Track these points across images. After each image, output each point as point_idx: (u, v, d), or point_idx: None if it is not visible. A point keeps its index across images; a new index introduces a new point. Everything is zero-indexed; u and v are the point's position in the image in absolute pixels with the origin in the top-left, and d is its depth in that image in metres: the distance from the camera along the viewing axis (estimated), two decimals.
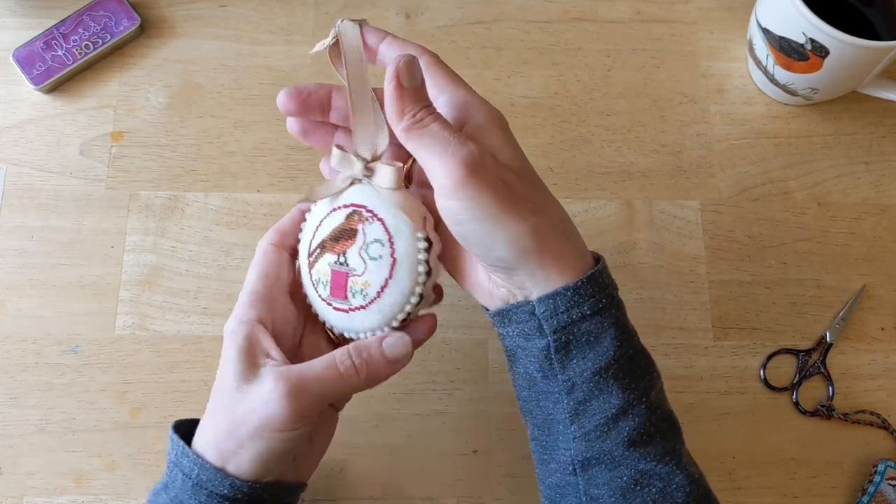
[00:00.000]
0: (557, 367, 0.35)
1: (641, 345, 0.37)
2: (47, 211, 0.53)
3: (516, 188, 0.33)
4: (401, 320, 0.37)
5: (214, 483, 0.34)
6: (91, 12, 0.56)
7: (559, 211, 0.35)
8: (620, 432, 0.34)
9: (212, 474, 0.34)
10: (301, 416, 0.34)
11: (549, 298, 0.34)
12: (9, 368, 0.49)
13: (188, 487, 0.35)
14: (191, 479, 0.35)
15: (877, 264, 0.53)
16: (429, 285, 0.36)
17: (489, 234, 0.33)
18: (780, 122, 0.56)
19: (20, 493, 0.47)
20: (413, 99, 0.33)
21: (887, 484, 0.47)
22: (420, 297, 0.36)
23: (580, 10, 0.59)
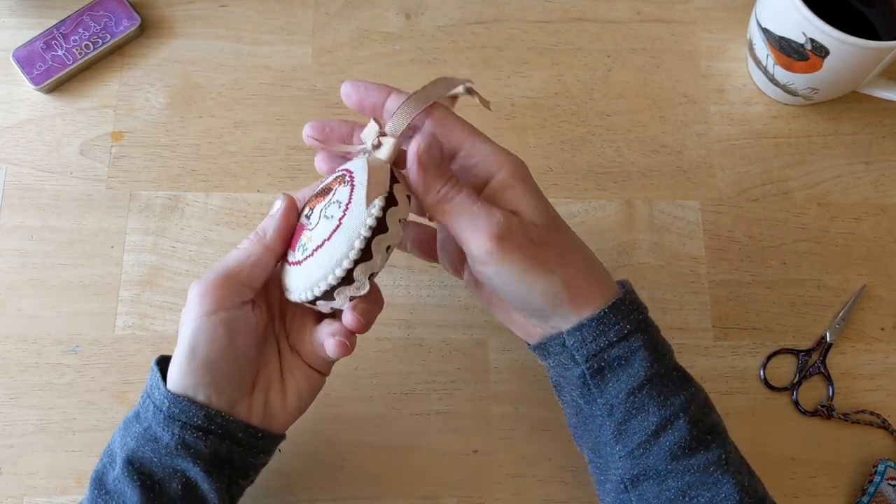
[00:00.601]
0: (595, 392, 0.38)
1: (676, 362, 0.39)
2: (47, 211, 0.53)
3: (543, 241, 0.36)
4: (322, 291, 0.36)
5: (188, 414, 0.36)
6: (91, 12, 0.56)
7: (581, 248, 0.38)
8: (662, 447, 0.36)
9: (185, 405, 0.36)
10: (210, 293, 0.36)
11: (577, 330, 0.37)
12: (9, 368, 0.49)
13: (160, 420, 0.36)
14: (162, 412, 0.36)
15: (877, 264, 0.53)
16: (362, 268, 0.35)
17: (522, 291, 0.36)
18: (780, 122, 0.56)
19: (20, 493, 0.47)
20: (436, 176, 0.36)
21: (887, 484, 0.47)
22: (346, 273, 0.35)
23: (580, 10, 0.59)
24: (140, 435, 0.37)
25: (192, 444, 0.37)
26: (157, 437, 0.37)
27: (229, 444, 0.38)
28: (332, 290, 0.36)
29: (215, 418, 0.37)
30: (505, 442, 0.49)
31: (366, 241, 0.35)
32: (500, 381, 0.50)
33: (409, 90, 0.56)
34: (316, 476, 0.48)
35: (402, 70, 0.56)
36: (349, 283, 0.35)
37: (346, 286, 0.35)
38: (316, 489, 0.47)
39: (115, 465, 0.37)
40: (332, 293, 0.36)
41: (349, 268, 0.35)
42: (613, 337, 0.37)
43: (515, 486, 0.48)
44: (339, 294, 0.36)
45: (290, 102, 0.55)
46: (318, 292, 0.36)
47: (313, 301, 0.37)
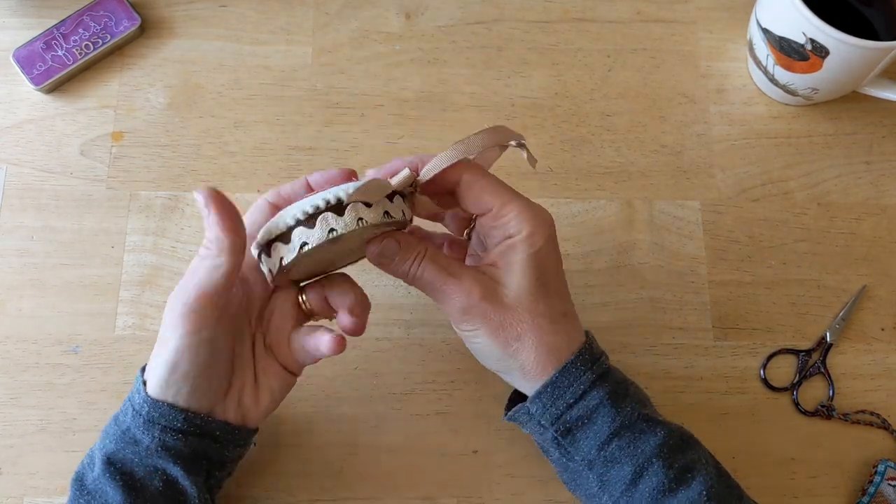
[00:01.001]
0: (572, 451, 0.40)
1: (642, 408, 0.40)
2: (47, 211, 0.53)
3: (512, 310, 0.38)
4: (264, 241, 0.36)
5: (167, 418, 0.37)
6: (91, 12, 0.56)
7: (549, 313, 0.39)
8: (643, 494, 0.38)
9: (164, 410, 0.37)
10: (193, 312, 0.36)
11: (537, 398, 0.39)
12: (9, 368, 0.49)
13: (139, 424, 0.37)
14: (141, 416, 0.37)
15: (877, 264, 0.53)
16: (300, 231, 0.35)
17: (483, 357, 0.40)
18: (780, 122, 0.56)
19: (20, 493, 0.47)
20: (397, 268, 0.39)
21: (887, 484, 0.47)
22: (287, 229, 0.35)
23: (580, 10, 0.59)
24: (119, 437, 0.38)
25: (171, 445, 0.38)
26: (136, 440, 0.38)
27: (207, 442, 0.39)
28: (269, 244, 0.36)
29: (194, 420, 0.38)
30: (505, 442, 0.49)
31: (315, 208, 0.35)
32: (501, 381, 0.50)
33: (409, 90, 0.56)
34: (316, 476, 0.48)
35: (402, 70, 0.57)
36: (286, 241, 0.36)
37: (283, 244, 0.36)
38: (316, 489, 0.47)
39: (95, 466, 0.38)
40: (270, 248, 0.36)
41: (290, 224, 0.35)
42: (570, 398, 0.38)
43: (515, 486, 0.48)
44: (274, 251, 0.36)
45: (290, 102, 0.55)
46: (261, 241, 0.37)
47: (258, 254, 0.38)
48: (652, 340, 0.51)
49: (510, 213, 0.38)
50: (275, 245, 0.36)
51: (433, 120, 0.55)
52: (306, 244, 0.35)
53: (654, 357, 0.50)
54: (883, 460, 0.48)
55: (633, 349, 0.51)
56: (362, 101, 0.56)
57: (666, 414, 0.49)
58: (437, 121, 0.55)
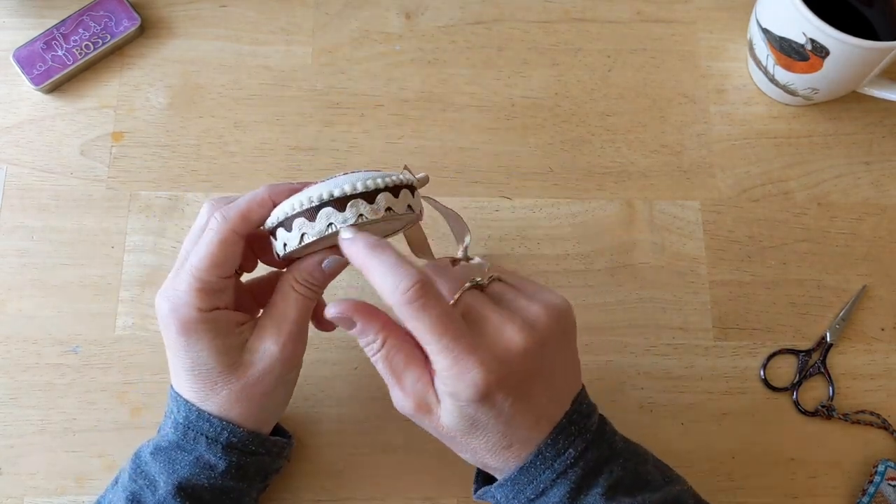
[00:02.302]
0: None
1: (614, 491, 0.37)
2: (47, 211, 0.53)
3: (445, 437, 0.36)
4: (284, 215, 0.36)
5: (244, 443, 0.39)
6: (91, 12, 0.56)
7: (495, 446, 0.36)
8: None
9: (243, 436, 0.38)
10: (302, 354, 0.40)
11: (500, 487, 0.37)
12: (9, 368, 0.49)
13: (218, 451, 0.38)
14: (220, 444, 0.38)
15: (877, 264, 0.53)
16: (326, 212, 0.35)
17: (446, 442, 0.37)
18: (780, 122, 0.56)
19: (20, 493, 0.47)
20: (361, 333, 0.36)
21: (887, 484, 0.47)
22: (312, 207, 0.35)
23: (580, 10, 0.59)
24: (191, 463, 0.38)
25: (244, 465, 0.39)
26: (212, 466, 0.38)
27: (268, 459, 0.41)
28: (290, 219, 0.36)
29: (265, 444, 0.40)
30: None
31: (344, 194, 0.35)
32: None
33: (409, 90, 0.56)
34: (316, 476, 0.48)
35: (402, 70, 0.57)
36: (311, 219, 0.35)
37: (307, 221, 0.35)
38: (316, 489, 0.47)
39: (158, 489, 0.38)
40: (291, 223, 0.36)
41: (317, 204, 0.35)
42: (531, 494, 0.36)
43: None
44: (295, 226, 0.36)
45: (290, 102, 0.55)
46: (281, 216, 0.36)
47: (274, 229, 0.37)
48: (652, 340, 0.51)
49: (438, 363, 0.34)
50: (297, 220, 0.36)
51: (433, 120, 0.55)
52: (306, 234, 0.36)
53: (654, 357, 0.50)
54: (883, 460, 0.48)
55: (633, 349, 0.51)
56: (362, 101, 0.56)
57: (666, 413, 0.49)
58: (437, 121, 0.55)
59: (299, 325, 0.38)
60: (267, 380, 0.38)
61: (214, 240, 0.36)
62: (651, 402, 0.50)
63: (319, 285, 0.39)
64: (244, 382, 0.38)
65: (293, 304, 0.38)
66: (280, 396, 0.41)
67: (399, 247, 0.38)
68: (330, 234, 0.35)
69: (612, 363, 0.50)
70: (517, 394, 0.34)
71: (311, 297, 0.39)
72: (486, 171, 0.54)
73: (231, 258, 0.37)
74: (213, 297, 0.37)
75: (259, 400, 0.38)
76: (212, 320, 0.37)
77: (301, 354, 0.40)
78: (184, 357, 0.37)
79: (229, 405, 0.38)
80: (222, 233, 0.36)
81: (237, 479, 0.39)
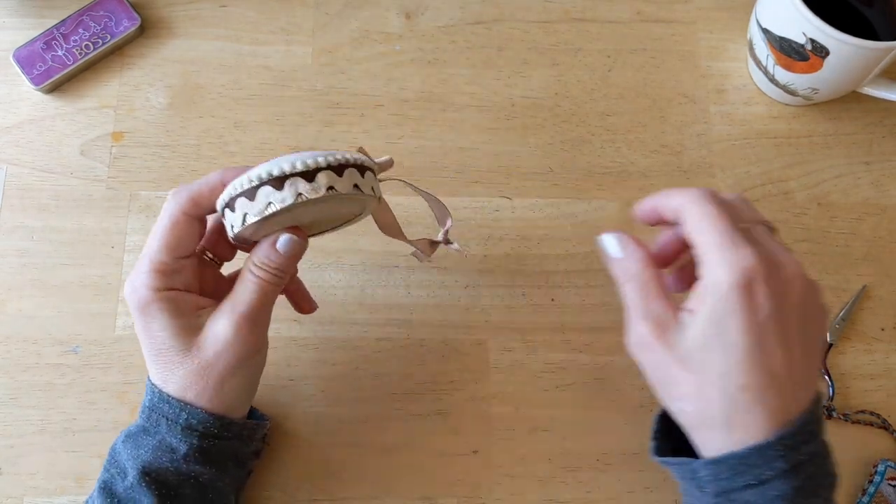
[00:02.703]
0: None
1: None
2: (47, 211, 0.53)
3: (676, 365, 0.34)
4: (229, 197, 0.36)
5: (205, 424, 0.38)
6: (91, 12, 0.56)
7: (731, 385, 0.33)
8: None
9: (202, 417, 0.38)
10: (264, 336, 0.40)
11: (711, 464, 0.34)
12: (9, 368, 0.49)
13: (177, 432, 0.38)
14: (178, 424, 0.38)
15: (877, 264, 0.53)
16: (266, 190, 0.35)
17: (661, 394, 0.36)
18: (780, 122, 0.56)
19: (20, 493, 0.47)
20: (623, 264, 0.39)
21: (887, 484, 0.47)
22: (252, 187, 0.35)
23: (580, 10, 0.59)
24: (154, 447, 0.38)
25: (207, 449, 0.39)
26: (173, 448, 0.38)
27: (235, 443, 0.40)
28: (233, 199, 0.35)
29: (230, 426, 0.39)
30: (505, 442, 0.49)
31: (283, 173, 0.34)
32: (500, 381, 0.50)
33: (409, 90, 0.56)
34: (316, 476, 0.48)
35: (402, 70, 0.57)
36: (251, 198, 0.35)
37: (248, 201, 0.35)
38: (315, 490, 0.47)
39: (127, 475, 0.38)
40: (234, 203, 0.35)
41: (256, 184, 0.35)
42: (750, 480, 0.34)
43: (515, 486, 0.48)
44: (238, 207, 0.35)
45: (290, 102, 0.55)
46: (226, 198, 0.36)
47: (223, 209, 0.37)
48: None
49: (702, 249, 0.34)
50: (239, 200, 0.35)
51: (433, 120, 0.55)
52: (272, 204, 0.35)
53: None
54: (883, 460, 0.48)
55: None
56: (362, 101, 0.56)
57: None
58: (437, 121, 0.55)
59: (256, 308, 0.38)
60: (222, 361, 0.38)
61: (164, 221, 0.38)
62: (651, 402, 0.50)
63: (278, 268, 0.38)
64: (199, 364, 0.38)
65: (250, 286, 0.38)
66: (241, 380, 0.39)
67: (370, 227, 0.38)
68: (273, 213, 0.35)
69: (612, 363, 0.50)
70: (776, 316, 0.33)
71: (271, 279, 0.38)
72: (486, 171, 0.54)
73: (184, 239, 0.38)
74: (168, 278, 0.38)
75: (216, 382, 0.38)
76: (167, 300, 0.38)
77: (259, 339, 0.39)
78: (145, 338, 0.38)
79: (186, 386, 0.38)
80: (172, 214, 0.38)
81: (202, 463, 0.39)
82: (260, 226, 0.36)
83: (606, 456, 0.48)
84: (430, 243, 0.42)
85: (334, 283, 0.51)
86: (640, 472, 0.48)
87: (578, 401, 0.50)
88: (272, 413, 0.48)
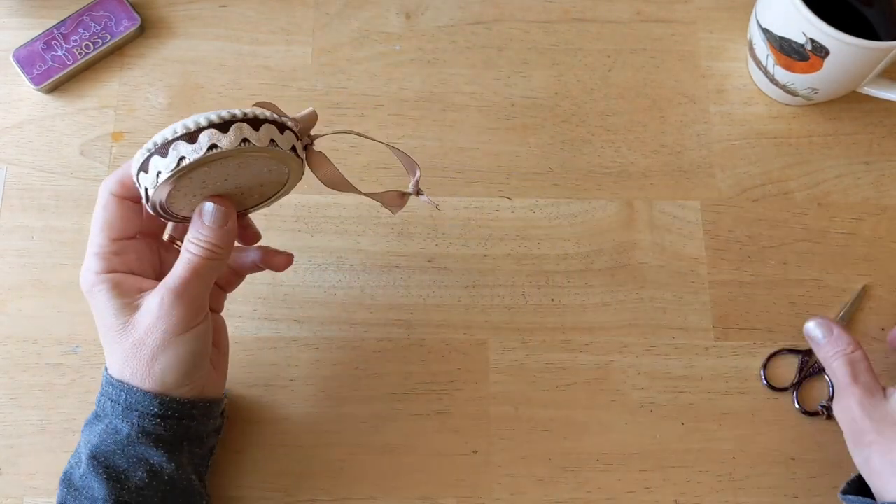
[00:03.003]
0: None
1: None
2: (47, 211, 0.53)
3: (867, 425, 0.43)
4: (142, 158, 0.34)
5: (143, 404, 0.38)
6: (91, 12, 0.56)
7: None
8: None
9: (140, 396, 0.38)
10: (195, 312, 0.38)
11: None
12: (9, 369, 0.49)
13: (119, 413, 0.38)
14: (119, 405, 0.38)
15: (877, 264, 0.53)
16: (179, 146, 0.33)
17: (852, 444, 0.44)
18: (780, 122, 0.56)
19: (20, 493, 0.47)
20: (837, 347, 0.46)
21: None
22: (164, 143, 0.33)
23: (580, 10, 0.59)
24: (102, 430, 0.38)
25: (151, 430, 0.38)
26: (117, 430, 0.38)
27: (185, 423, 0.40)
28: (147, 161, 0.34)
29: (171, 404, 0.39)
30: (505, 442, 0.49)
31: (198, 125, 0.33)
32: (500, 381, 0.50)
33: (409, 90, 0.56)
34: (315, 476, 0.48)
35: (402, 70, 0.57)
36: (163, 155, 0.33)
37: (161, 158, 0.34)
38: (315, 490, 0.47)
39: (81, 463, 0.39)
40: (147, 164, 0.34)
41: (169, 139, 0.33)
42: None
43: (515, 486, 0.48)
44: (151, 167, 0.34)
45: (290, 102, 0.55)
46: (139, 158, 0.35)
47: (137, 173, 0.35)
48: (652, 340, 0.51)
49: None
50: (153, 159, 0.34)
51: (433, 120, 0.55)
52: (184, 158, 0.33)
53: (654, 357, 0.51)
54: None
55: (633, 349, 0.51)
56: (362, 101, 0.56)
57: (666, 413, 0.49)
58: (437, 121, 0.55)
59: (185, 282, 0.37)
60: (151, 337, 0.37)
61: (98, 205, 0.39)
62: (651, 402, 0.50)
63: (208, 240, 0.37)
64: (132, 341, 0.37)
65: (182, 262, 0.37)
66: (174, 357, 0.38)
67: None
68: (186, 166, 0.33)
69: (612, 363, 0.50)
70: None
71: (201, 253, 0.37)
72: (486, 171, 0.54)
73: (116, 221, 0.38)
74: (108, 261, 0.38)
75: (147, 359, 0.37)
76: (108, 281, 0.38)
77: (188, 314, 0.37)
78: (97, 322, 0.39)
79: (123, 365, 0.38)
80: (102, 197, 0.39)
81: (149, 444, 0.38)
82: (176, 187, 0.35)
83: (606, 456, 0.48)
84: (399, 195, 0.41)
85: (334, 283, 0.51)
86: (640, 472, 0.48)
87: (578, 401, 0.50)
88: (272, 414, 0.48)
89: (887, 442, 0.41)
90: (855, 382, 0.43)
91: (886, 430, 0.41)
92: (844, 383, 0.44)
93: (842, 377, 0.44)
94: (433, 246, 0.52)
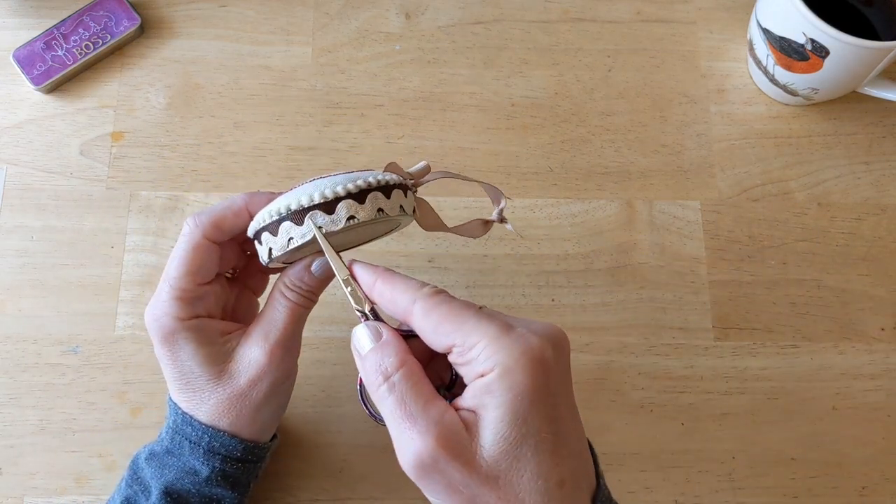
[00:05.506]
0: None
1: None
2: (47, 211, 0.53)
3: (483, 480, 0.29)
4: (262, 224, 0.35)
5: (228, 448, 0.38)
6: (91, 12, 0.56)
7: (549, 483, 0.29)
8: None
9: (226, 440, 0.37)
10: (295, 364, 0.39)
11: None
12: (9, 368, 0.49)
13: (199, 455, 0.37)
14: (201, 447, 0.37)
15: (877, 264, 0.53)
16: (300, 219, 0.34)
17: None
18: (780, 122, 0.56)
19: (20, 493, 0.47)
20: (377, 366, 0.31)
21: None
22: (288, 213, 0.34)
23: (580, 10, 0.59)
24: (178, 469, 0.38)
25: (231, 473, 0.39)
26: (196, 471, 0.38)
27: (260, 465, 0.41)
28: (258, 233, 0.35)
29: (254, 449, 0.39)
30: None
31: (301, 206, 0.33)
32: None
33: (409, 90, 0.56)
34: (316, 477, 0.48)
35: (402, 70, 0.57)
36: (274, 234, 0.34)
37: (271, 235, 0.34)
38: (316, 490, 0.47)
39: (151, 495, 0.38)
40: (260, 236, 0.35)
41: (276, 219, 0.34)
42: None
43: None
44: (264, 240, 0.35)
45: (290, 102, 0.55)
46: (251, 231, 0.36)
47: (252, 240, 0.36)
48: (652, 340, 0.51)
49: (477, 345, 0.29)
50: (284, 224, 0.35)
51: (433, 120, 0.55)
52: (321, 228, 0.34)
53: (654, 357, 0.51)
54: None
55: (633, 349, 0.51)
56: (362, 101, 0.56)
57: (666, 413, 0.49)
58: (437, 121, 0.55)
59: (289, 332, 0.37)
60: (256, 390, 0.37)
61: (186, 247, 0.36)
62: (651, 402, 0.50)
63: (311, 290, 0.37)
64: (231, 392, 0.37)
65: (282, 310, 0.37)
66: (275, 406, 0.39)
67: None
68: (295, 247, 0.34)
69: (612, 363, 0.50)
70: (562, 399, 0.30)
71: (302, 302, 0.37)
72: (486, 171, 0.54)
73: (206, 265, 0.37)
74: (193, 306, 0.37)
75: (251, 410, 0.37)
76: (193, 328, 0.36)
77: (292, 363, 0.39)
78: (171, 366, 0.37)
79: (219, 414, 0.37)
80: (193, 239, 0.36)
81: (223, 486, 0.39)
82: (290, 256, 0.36)
83: (606, 456, 0.48)
84: (482, 223, 0.41)
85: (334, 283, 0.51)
86: (640, 472, 0.48)
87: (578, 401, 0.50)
88: None
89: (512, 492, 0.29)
90: (422, 429, 0.29)
91: (503, 482, 0.29)
92: (407, 425, 0.30)
93: (397, 411, 0.30)
94: (433, 246, 0.52)
